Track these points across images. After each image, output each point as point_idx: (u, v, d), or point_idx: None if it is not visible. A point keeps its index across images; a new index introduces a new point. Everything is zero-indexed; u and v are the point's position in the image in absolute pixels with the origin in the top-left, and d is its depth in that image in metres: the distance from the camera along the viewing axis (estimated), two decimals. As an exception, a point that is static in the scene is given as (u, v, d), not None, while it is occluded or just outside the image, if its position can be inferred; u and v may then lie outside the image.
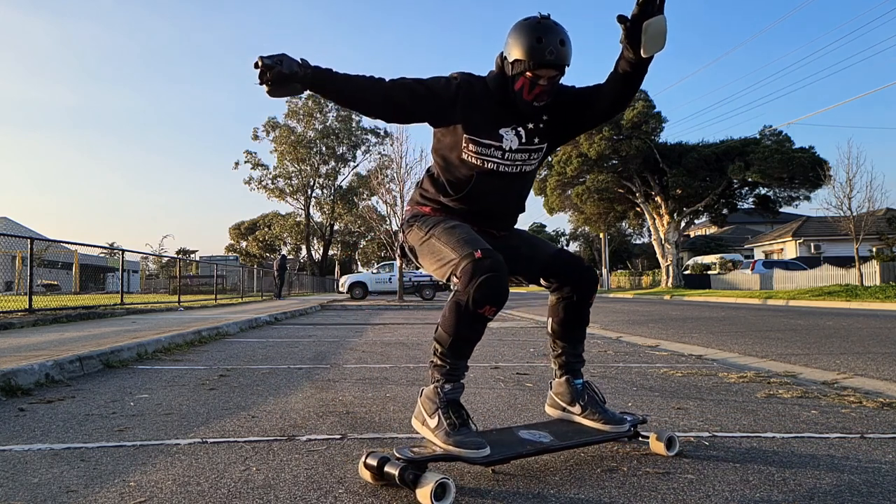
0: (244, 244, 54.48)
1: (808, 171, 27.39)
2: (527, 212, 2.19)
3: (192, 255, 51.20)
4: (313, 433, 2.34)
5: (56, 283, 18.92)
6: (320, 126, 45.56)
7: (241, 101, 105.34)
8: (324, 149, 45.77)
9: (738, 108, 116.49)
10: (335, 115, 45.51)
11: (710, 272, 32.73)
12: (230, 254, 52.24)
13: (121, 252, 12.56)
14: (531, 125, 2.00)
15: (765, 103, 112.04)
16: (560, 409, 2.17)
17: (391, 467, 1.66)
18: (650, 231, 35.89)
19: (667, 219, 32.97)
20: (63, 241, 12.12)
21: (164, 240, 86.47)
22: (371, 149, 46.96)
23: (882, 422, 2.51)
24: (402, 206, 20.13)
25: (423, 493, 1.56)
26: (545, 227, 63.07)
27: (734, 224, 44.28)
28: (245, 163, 46.30)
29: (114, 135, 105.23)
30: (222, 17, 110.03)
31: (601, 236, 42.15)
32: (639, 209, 34.91)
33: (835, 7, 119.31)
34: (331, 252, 52.30)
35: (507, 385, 3.45)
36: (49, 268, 18.61)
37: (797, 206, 31.92)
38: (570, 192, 34.34)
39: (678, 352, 5.18)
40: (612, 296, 28.41)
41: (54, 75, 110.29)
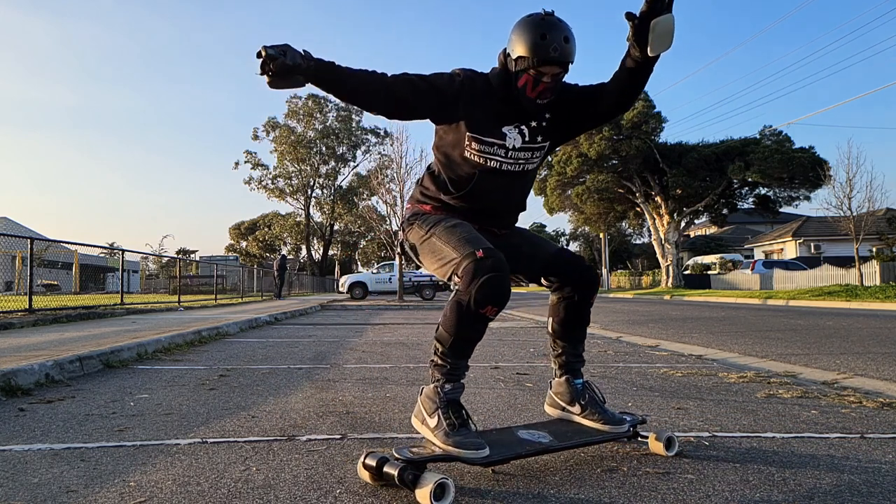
0: (244, 244, 54.49)
1: (808, 171, 27.40)
2: (527, 211, 2.18)
3: (192, 255, 51.24)
4: (313, 433, 2.34)
5: (56, 283, 18.90)
6: (320, 126, 45.58)
7: (241, 101, 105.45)
8: (324, 149, 45.78)
9: (739, 108, 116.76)
10: (335, 115, 45.55)
11: (710, 272, 32.72)
12: (230, 254, 52.22)
13: (121, 252, 12.57)
14: (534, 123, 1.98)
15: (765, 103, 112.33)
16: (560, 408, 2.17)
17: (390, 468, 1.66)
18: (650, 231, 35.90)
19: (667, 219, 32.97)
20: (63, 241, 12.12)
21: (164, 240, 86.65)
22: (371, 149, 47.08)
23: (882, 422, 2.51)
24: (402, 206, 20.12)
25: (423, 493, 1.56)
26: (545, 226, 63.10)
27: (734, 224, 44.27)
28: (245, 163, 46.44)
29: (114, 135, 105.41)
30: (222, 16, 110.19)
31: (601, 236, 42.12)
32: (639, 209, 34.91)
33: (835, 7, 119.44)
34: (331, 252, 52.32)
35: (507, 385, 3.45)
36: (49, 268, 18.60)
37: (797, 206, 31.98)
38: (570, 192, 34.35)
39: (678, 352, 5.18)
40: (612, 296, 28.40)
41: (54, 75, 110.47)
